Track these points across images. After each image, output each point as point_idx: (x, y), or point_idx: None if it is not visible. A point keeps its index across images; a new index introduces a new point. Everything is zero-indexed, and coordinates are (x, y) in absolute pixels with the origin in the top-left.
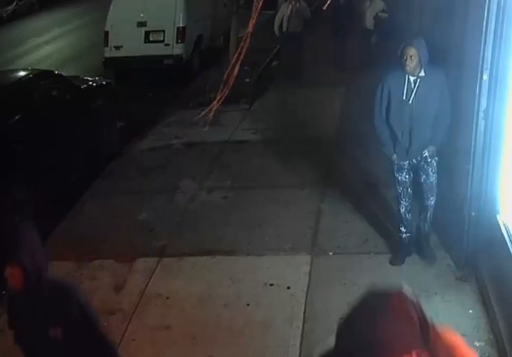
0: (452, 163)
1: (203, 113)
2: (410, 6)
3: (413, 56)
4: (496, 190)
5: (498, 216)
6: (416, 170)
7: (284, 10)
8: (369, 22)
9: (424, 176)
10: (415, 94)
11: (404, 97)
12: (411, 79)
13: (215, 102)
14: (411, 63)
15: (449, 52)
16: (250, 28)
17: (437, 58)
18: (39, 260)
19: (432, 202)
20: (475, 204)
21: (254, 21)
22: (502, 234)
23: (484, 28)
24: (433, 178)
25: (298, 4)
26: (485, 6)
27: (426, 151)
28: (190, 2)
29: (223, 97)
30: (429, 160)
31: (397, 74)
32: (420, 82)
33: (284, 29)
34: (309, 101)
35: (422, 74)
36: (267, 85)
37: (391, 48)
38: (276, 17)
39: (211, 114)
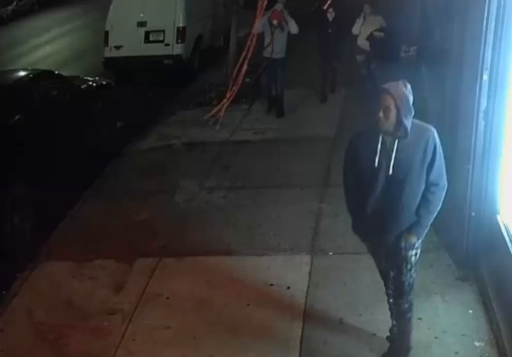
0: (452, 163)
1: (213, 112)
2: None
3: (389, 107)
4: (496, 190)
5: (498, 216)
6: (386, 260)
7: (265, 29)
8: (363, 42)
9: (395, 272)
10: (393, 161)
11: (376, 165)
12: (387, 140)
13: (225, 100)
14: (385, 118)
15: (449, 52)
16: (257, 27)
17: (438, 59)
18: None
19: (405, 306)
20: (475, 204)
21: (259, 21)
22: (502, 234)
23: (484, 28)
24: (407, 277)
25: (281, 30)
26: (485, 6)
27: (403, 241)
28: (190, 2)
29: (233, 96)
30: (405, 253)
31: (369, 133)
32: (398, 144)
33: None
34: (309, 102)
35: (401, 133)
36: None
37: (390, 76)
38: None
39: (222, 113)
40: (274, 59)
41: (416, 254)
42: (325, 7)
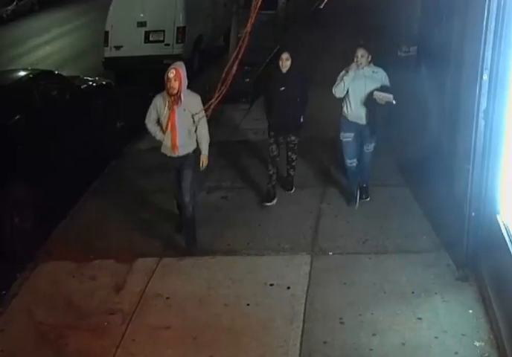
0: (452, 163)
1: (198, 112)
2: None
3: None
4: (496, 190)
5: (498, 216)
6: None
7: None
8: (354, 110)
9: None
10: None
11: None
12: None
13: (213, 100)
14: None
15: (449, 52)
16: (248, 28)
17: (438, 59)
18: None
19: None
20: (475, 204)
21: (252, 21)
22: (502, 234)
23: (484, 28)
24: None
25: (180, 107)
26: (485, 6)
27: None
28: (190, 2)
29: (221, 96)
30: None
31: None
32: None
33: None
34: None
35: None
36: None
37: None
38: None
39: (209, 113)
40: (178, 159)
41: None
42: (321, 7)
